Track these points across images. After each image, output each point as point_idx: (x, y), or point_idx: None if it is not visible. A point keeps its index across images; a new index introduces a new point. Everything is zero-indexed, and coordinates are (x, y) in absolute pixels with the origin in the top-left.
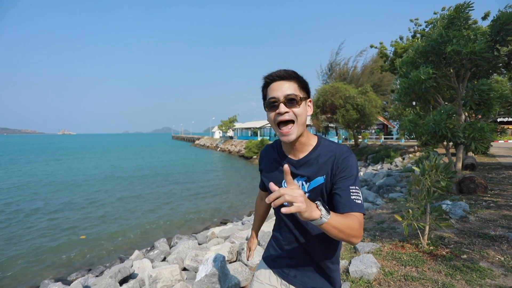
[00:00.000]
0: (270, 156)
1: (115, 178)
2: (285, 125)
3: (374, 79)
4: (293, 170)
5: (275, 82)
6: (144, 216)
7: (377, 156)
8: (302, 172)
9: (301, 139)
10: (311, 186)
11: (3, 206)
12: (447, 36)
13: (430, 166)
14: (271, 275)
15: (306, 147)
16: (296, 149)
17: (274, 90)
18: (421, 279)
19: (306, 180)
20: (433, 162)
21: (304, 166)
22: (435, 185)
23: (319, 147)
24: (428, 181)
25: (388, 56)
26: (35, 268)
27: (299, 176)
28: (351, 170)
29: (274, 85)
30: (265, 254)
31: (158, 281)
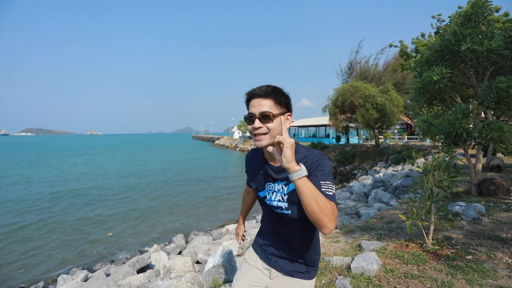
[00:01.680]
0: (254, 162)
1: (143, 176)
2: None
3: (396, 77)
4: (274, 175)
5: (254, 99)
6: (166, 214)
7: (399, 157)
8: (282, 177)
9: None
10: (289, 189)
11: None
12: (462, 34)
13: (432, 166)
14: (257, 259)
15: None
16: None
17: (252, 106)
18: (421, 277)
19: (285, 184)
20: (435, 162)
21: (283, 172)
22: (438, 185)
23: (296, 154)
24: (431, 181)
25: (409, 55)
26: (66, 256)
27: (279, 180)
28: (323, 168)
29: (253, 102)
30: (254, 241)
31: (171, 271)
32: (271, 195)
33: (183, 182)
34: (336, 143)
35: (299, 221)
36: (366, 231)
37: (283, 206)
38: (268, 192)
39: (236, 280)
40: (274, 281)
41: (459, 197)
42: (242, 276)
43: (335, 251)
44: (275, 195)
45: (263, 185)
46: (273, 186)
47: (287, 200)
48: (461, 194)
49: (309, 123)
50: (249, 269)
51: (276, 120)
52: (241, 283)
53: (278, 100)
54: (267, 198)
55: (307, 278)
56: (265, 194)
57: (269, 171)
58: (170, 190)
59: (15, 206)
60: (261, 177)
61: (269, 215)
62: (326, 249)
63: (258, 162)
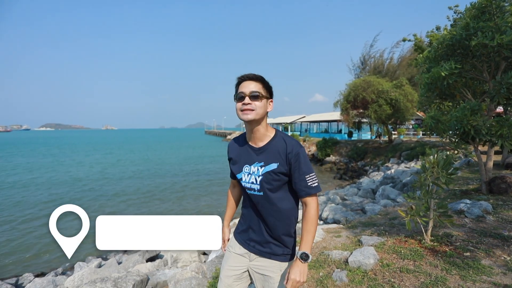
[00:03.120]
0: (237, 145)
1: (161, 169)
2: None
3: (412, 71)
4: (254, 156)
5: (245, 81)
6: (180, 207)
7: (412, 153)
8: (260, 158)
9: (260, 130)
10: (264, 170)
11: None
12: (474, 28)
13: (430, 163)
14: (237, 245)
15: (264, 137)
16: (256, 138)
17: (243, 87)
18: (416, 272)
19: (262, 166)
20: (434, 159)
21: (262, 153)
22: (435, 182)
23: (275, 139)
24: (429, 178)
25: (424, 48)
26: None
27: (257, 162)
28: (304, 159)
29: (244, 83)
30: (235, 229)
31: (178, 261)
32: (246, 177)
33: (193, 175)
34: (348, 138)
35: (271, 204)
36: (368, 226)
37: (255, 188)
38: (244, 174)
39: (222, 267)
40: (253, 263)
41: (468, 195)
42: (226, 262)
43: (335, 245)
44: (250, 177)
45: (241, 167)
46: (249, 168)
47: (260, 182)
48: (471, 192)
49: (321, 118)
50: (230, 255)
51: (263, 101)
52: (225, 269)
53: (265, 85)
54: (243, 180)
55: (284, 260)
56: (241, 176)
57: (250, 152)
58: (179, 183)
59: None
60: (241, 158)
61: (247, 199)
62: (327, 243)
63: (240, 144)
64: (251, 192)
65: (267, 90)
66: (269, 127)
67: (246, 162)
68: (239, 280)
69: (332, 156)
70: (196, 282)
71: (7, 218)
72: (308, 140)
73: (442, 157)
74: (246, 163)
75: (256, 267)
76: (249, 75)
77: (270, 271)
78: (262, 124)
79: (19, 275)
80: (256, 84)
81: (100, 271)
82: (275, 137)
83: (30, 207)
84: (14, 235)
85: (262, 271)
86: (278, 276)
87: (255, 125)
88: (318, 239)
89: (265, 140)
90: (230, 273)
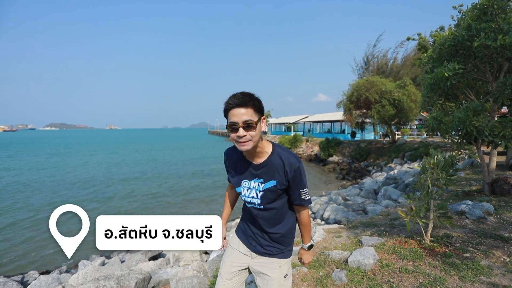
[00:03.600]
0: (234, 159)
1: (166, 170)
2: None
3: (416, 71)
4: (253, 172)
5: (234, 109)
6: (178, 207)
7: (415, 153)
8: (260, 175)
9: (258, 149)
10: (265, 187)
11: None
12: (475, 29)
13: (430, 164)
14: (240, 243)
15: (262, 155)
16: (254, 155)
17: (234, 115)
18: (415, 272)
19: (261, 182)
20: (433, 159)
21: (261, 170)
22: (434, 183)
23: (273, 155)
24: (429, 178)
25: (428, 48)
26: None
27: (256, 178)
28: (301, 176)
29: (233, 111)
30: (237, 227)
31: (180, 260)
32: (246, 191)
33: (197, 176)
34: (351, 139)
35: (271, 215)
36: (369, 227)
37: (256, 202)
38: (243, 189)
39: (223, 263)
40: (254, 261)
41: (470, 196)
42: (227, 258)
43: (336, 245)
44: (250, 192)
45: (239, 181)
46: (249, 183)
47: (261, 197)
48: (473, 193)
49: (324, 118)
50: (232, 252)
51: (257, 127)
52: (226, 265)
53: (256, 107)
54: (242, 194)
55: (283, 257)
56: (240, 190)
57: (249, 168)
58: (181, 183)
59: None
60: (239, 173)
61: (247, 203)
62: (328, 243)
63: (238, 159)
64: (251, 206)
65: (259, 112)
66: (265, 143)
67: (246, 178)
68: (237, 276)
69: (335, 156)
70: (197, 281)
71: (15, 217)
72: (311, 140)
73: (442, 159)
74: (245, 179)
75: (257, 265)
76: (237, 101)
77: (269, 267)
78: (259, 144)
79: (24, 273)
80: (247, 110)
81: (104, 269)
82: (273, 154)
83: (36, 206)
84: (18, 234)
85: (262, 268)
86: (277, 271)
87: (253, 149)
88: (319, 239)
89: (263, 157)
90: (231, 269)
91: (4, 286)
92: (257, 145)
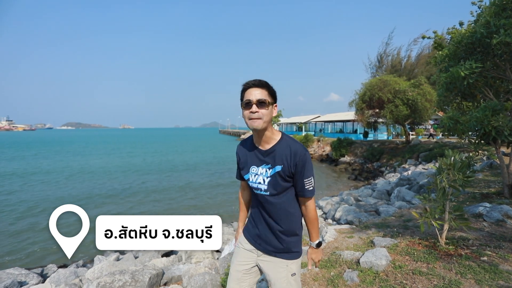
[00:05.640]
0: (245, 148)
1: (178, 169)
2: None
3: (431, 69)
4: (261, 158)
5: (251, 88)
6: (191, 206)
7: (430, 154)
8: (267, 160)
9: (267, 134)
10: (272, 172)
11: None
12: (494, 26)
13: (446, 165)
14: (245, 241)
15: (271, 140)
16: (263, 141)
17: (249, 94)
18: (429, 275)
19: (269, 168)
20: (450, 160)
21: (269, 156)
22: (451, 184)
23: (281, 142)
24: (445, 180)
25: (444, 46)
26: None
27: (264, 164)
28: (306, 166)
29: (250, 90)
30: (245, 226)
31: (192, 257)
32: (253, 177)
33: (207, 175)
34: (363, 139)
35: (276, 204)
36: (381, 228)
37: (262, 188)
38: (251, 175)
39: (232, 262)
40: (261, 258)
41: (489, 198)
42: (235, 257)
43: (347, 245)
44: (257, 178)
45: (248, 168)
46: (256, 169)
47: (268, 183)
48: (492, 195)
49: (336, 118)
50: (239, 251)
51: (269, 108)
52: (234, 264)
53: (270, 91)
54: (250, 180)
55: (290, 259)
56: (248, 177)
57: (257, 154)
58: (195, 183)
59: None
60: (249, 160)
61: (254, 199)
62: (339, 243)
63: (248, 146)
64: (257, 192)
65: (272, 96)
66: (275, 130)
67: (253, 163)
68: (248, 275)
69: (347, 157)
70: (209, 278)
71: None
72: (323, 140)
73: (459, 159)
74: (253, 164)
75: (263, 263)
76: (254, 82)
77: (276, 267)
78: (269, 128)
79: (43, 266)
80: (262, 91)
81: (118, 264)
82: (281, 140)
83: (51, 204)
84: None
85: (269, 267)
86: (284, 270)
87: (263, 131)
88: (330, 239)
89: (271, 143)
90: (240, 268)
91: (26, 278)
92: (266, 127)
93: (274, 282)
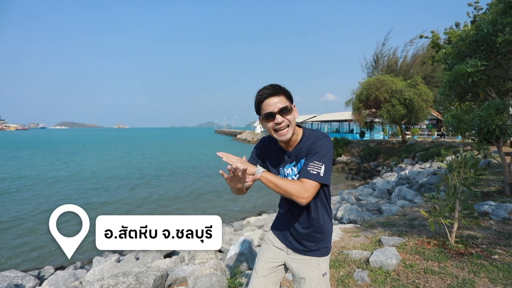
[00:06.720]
0: (270, 147)
1: (176, 171)
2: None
3: (426, 69)
4: (287, 159)
5: (268, 99)
6: (190, 207)
7: (426, 153)
8: (293, 160)
9: (293, 137)
10: (298, 169)
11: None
12: (501, 24)
13: (458, 163)
14: (275, 239)
15: (295, 142)
16: (289, 144)
17: (268, 105)
18: (441, 274)
19: (294, 165)
20: (461, 159)
21: (293, 155)
22: (463, 182)
23: (304, 138)
24: (456, 178)
25: (442, 46)
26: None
27: (289, 163)
28: (319, 148)
29: (267, 101)
30: (273, 223)
31: (195, 258)
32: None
33: (204, 175)
34: (360, 138)
35: (307, 208)
36: (387, 227)
37: None
38: (281, 176)
39: (258, 259)
40: (290, 257)
41: (490, 197)
42: (262, 254)
43: (354, 245)
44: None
45: (277, 170)
46: (283, 170)
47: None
48: (493, 193)
49: (333, 118)
50: (268, 247)
51: (292, 112)
52: (261, 261)
53: (287, 95)
54: None
55: (320, 255)
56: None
57: (282, 154)
58: (195, 183)
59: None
60: (277, 162)
61: (282, 199)
62: (346, 242)
63: (273, 147)
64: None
65: (290, 99)
66: (297, 130)
67: (281, 165)
68: (274, 273)
69: (343, 156)
70: (216, 279)
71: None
72: None
73: (471, 157)
74: (281, 167)
75: (293, 261)
76: (269, 91)
77: (306, 265)
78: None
79: (40, 268)
80: (280, 98)
81: (120, 266)
82: (303, 138)
83: (47, 205)
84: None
85: (299, 266)
86: (315, 269)
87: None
88: (336, 238)
89: (296, 144)
90: (267, 265)
91: (23, 281)
92: (294, 131)
93: (303, 282)
